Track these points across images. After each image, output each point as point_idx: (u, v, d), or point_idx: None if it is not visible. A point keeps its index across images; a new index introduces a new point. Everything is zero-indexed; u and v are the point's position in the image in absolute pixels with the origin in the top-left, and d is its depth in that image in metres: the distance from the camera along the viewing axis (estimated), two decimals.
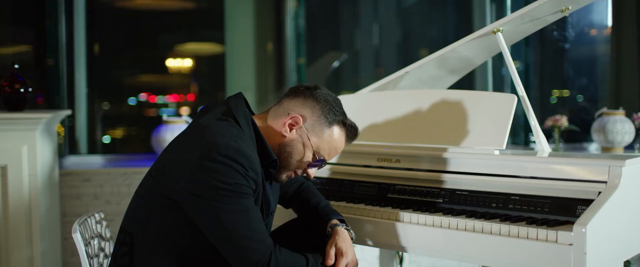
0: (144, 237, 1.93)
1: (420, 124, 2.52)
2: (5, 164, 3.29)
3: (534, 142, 4.76)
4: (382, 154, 2.55)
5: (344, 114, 2.07)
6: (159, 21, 4.85)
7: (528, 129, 4.67)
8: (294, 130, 2.01)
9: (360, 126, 2.65)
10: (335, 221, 2.13)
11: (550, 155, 2.23)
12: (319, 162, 2.05)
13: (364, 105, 2.74)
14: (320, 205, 2.20)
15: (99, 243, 2.21)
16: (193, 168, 1.82)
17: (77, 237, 1.92)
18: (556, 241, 1.91)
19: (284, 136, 2.00)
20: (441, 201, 2.34)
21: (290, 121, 2.00)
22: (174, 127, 4.11)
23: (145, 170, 3.11)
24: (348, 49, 5.03)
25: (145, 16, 4.85)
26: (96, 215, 2.25)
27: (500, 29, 2.50)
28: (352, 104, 2.79)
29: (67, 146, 4.33)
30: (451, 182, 2.36)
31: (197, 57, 4.83)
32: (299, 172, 2.07)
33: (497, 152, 2.29)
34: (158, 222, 1.92)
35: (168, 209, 1.90)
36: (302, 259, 1.93)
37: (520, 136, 4.70)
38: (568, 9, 2.46)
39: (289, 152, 2.01)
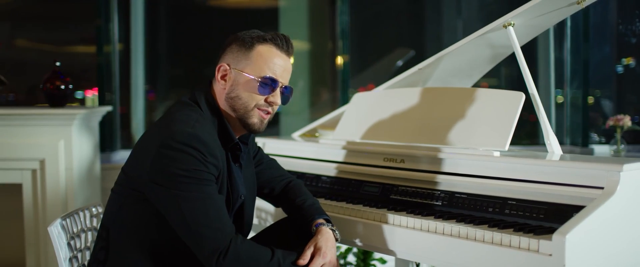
0: (117, 231, 1.95)
1: (426, 123, 2.41)
2: (43, 157, 3.42)
3: (595, 143, 4.51)
4: (388, 154, 2.46)
5: (260, 34, 2.00)
6: (224, 18, 4.91)
7: (587, 130, 4.42)
8: (227, 77, 1.98)
9: (372, 124, 2.57)
10: (319, 221, 2.07)
11: (548, 158, 2.07)
12: (269, 84, 1.97)
13: (376, 102, 2.66)
14: (305, 204, 2.14)
15: (93, 236, 2.25)
16: (153, 157, 1.83)
17: (52, 230, 1.95)
18: (538, 251, 1.77)
19: (225, 89, 1.98)
20: (440, 204, 2.23)
21: (219, 74, 1.99)
22: None
23: None
24: (433, 45, 4.90)
25: (212, 13, 4.94)
26: (93, 209, 2.29)
27: (512, 22, 2.36)
28: (365, 101, 2.72)
29: (120, 140, 4.47)
30: (450, 184, 2.25)
31: None
32: (269, 109, 1.99)
33: (497, 154, 2.16)
34: (128, 215, 1.93)
35: (137, 201, 1.91)
36: (266, 252, 1.88)
37: (574, 136, 4.44)
38: (584, 0, 2.28)
39: (237, 95, 1.96)
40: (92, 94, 4.51)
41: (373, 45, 4.92)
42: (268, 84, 1.97)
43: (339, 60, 4.38)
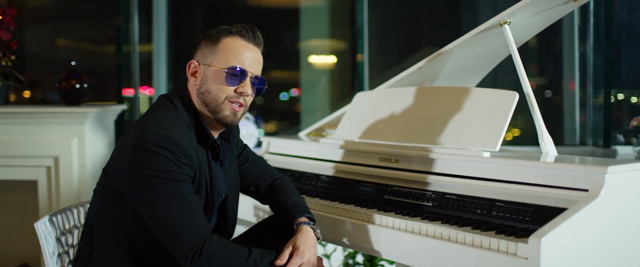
0: (99, 229, 1.98)
1: (421, 123, 2.39)
2: (57, 155, 3.49)
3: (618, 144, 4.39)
4: (384, 154, 2.44)
5: (226, 28, 2.00)
6: (287, 17, 4.94)
7: (609, 131, 4.30)
8: (196, 74, 1.98)
9: (370, 123, 2.56)
10: (301, 219, 2.06)
11: (535, 158, 2.02)
12: (239, 74, 1.96)
13: (374, 102, 2.64)
14: (289, 202, 2.13)
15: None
16: (128, 159, 1.84)
17: (39, 226, 1.99)
18: (515, 254, 1.73)
19: (196, 85, 1.98)
20: (431, 205, 2.20)
21: (189, 72, 2.00)
22: None
23: None
24: None
25: (269, 13, 4.98)
26: (87, 205, 2.32)
27: (508, 21, 2.31)
28: (365, 101, 2.70)
29: None
30: (441, 185, 2.21)
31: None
32: (240, 100, 1.98)
33: (486, 155, 2.11)
34: (109, 215, 1.96)
35: (116, 201, 1.93)
36: (243, 252, 1.87)
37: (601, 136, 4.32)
38: None
39: (206, 89, 1.96)
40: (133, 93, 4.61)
41: (404, 45, 4.87)
42: (235, 74, 1.96)
43: (359, 58, 4.35)
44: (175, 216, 1.82)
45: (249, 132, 4.15)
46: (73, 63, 3.66)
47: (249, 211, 2.75)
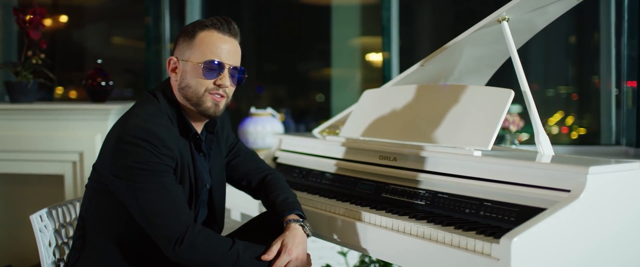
0: (91, 222, 2.04)
1: (419, 121, 2.37)
2: (82, 150, 3.60)
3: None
4: (383, 152, 2.43)
5: (201, 21, 2.02)
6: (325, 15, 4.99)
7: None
8: (176, 70, 2.02)
9: (373, 121, 2.55)
10: (291, 217, 2.07)
11: (522, 158, 1.97)
12: (216, 67, 1.99)
13: (379, 100, 2.63)
14: (278, 200, 2.15)
15: None
16: (111, 152, 1.91)
17: (34, 218, 2.06)
18: (490, 255, 1.70)
19: (176, 81, 2.02)
20: (424, 203, 2.18)
21: (170, 68, 2.03)
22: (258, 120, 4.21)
23: None
24: None
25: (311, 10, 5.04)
26: None
27: (506, 17, 2.26)
28: (371, 99, 2.70)
29: None
30: (434, 183, 2.19)
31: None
32: (220, 91, 2.01)
33: (477, 153, 2.08)
34: (98, 208, 2.02)
35: (105, 194, 1.99)
36: (226, 242, 1.91)
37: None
38: None
39: (186, 84, 2.00)
40: None
41: (438, 44, 4.81)
42: (213, 67, 1.99)
43: (385, 56, 4.34)
44: (157, 206, 1.87)
45: (273, 130, 4.18)
46: (99, 61, 3.77)
47: (254, 206, 2.78)
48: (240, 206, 2.92)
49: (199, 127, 2.08)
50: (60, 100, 4.79)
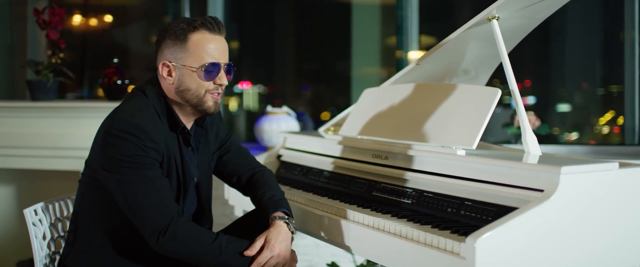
0: (82, 216, 2.11)
1: (409, 119, 2.37)
2: None
3: None
4: (376, 151, 2.45)
5: (189, 22, 2.04)
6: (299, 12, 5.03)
7: None
8: (172, 73, 2.05)
9: (369, 120, 2.56)
10: (276, 214, 2.10)
11: (501, 157, 1.96)
12: (214, 69, 2.03)
13: (376, 98, 2.64)
14: (264, 198, 2.18)
15: None
16: (99, 145, 1.98)
17: (28, 212, 2.14)
18: (459, 254, 1.70)
19: (173, 84, 2.05)
20: (410, 202, 2.19)
21: (163, 72, 2.06)
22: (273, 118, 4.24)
23: None
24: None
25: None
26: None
27: (497, 15, 2.25)
28: (370, 97, 2.71)
29: None
30: (419, 182, 2.20)
31: None
32: (219, 90, 2.07)
33: (461, 152, 2.08)
34: (90, 201, 2.09)
35: (96, 188, 2.06)
36: (209, 235, 1.95)
37: None
38: None
39: (186, 88, 2.04)
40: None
41: None
42: (211, 69, 2.03)
43: (398, 55, 4.33)
44: (142, 198, 1.92)
45: (288, 128, 4.21)
46: (115, 60, 3.86)
47: None
48: (244, 202, 2.96)
49: (189, 121, 2.13)
50: (90, 99, 4.93)
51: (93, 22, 5.04)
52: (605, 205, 1.79)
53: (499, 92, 2.12)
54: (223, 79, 2.06)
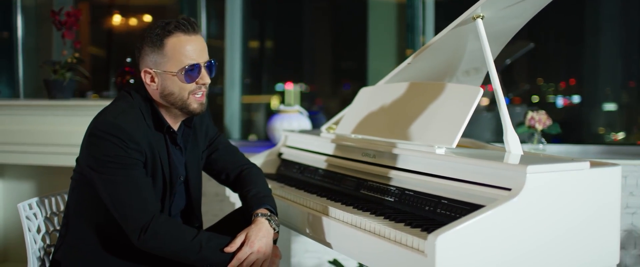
0: (73, 211, 2.18)
1: (397, 118, 2.39)
2: None
3: None
4: (365, 149, 2.47)
5: (163, 26, 2.05)
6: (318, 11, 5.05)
7: None
8: (155, 79, 2.08)
9: (362, 118, 2.59)
10: (258, 211, 2.14)
11: (477, 156, 1.97)
12: (194, 70, 2.06)
13: (371, 97, 2.66)
14: (249, 195, 2.22)
15: None
16: (85, 145, 2.06)
17: (21, 207, 2.22)
18: (424, 251, 1.71)
19: (157, 89, 2.09)
20: (393, 200, 2.21)
21: (146, 79, 2.09)
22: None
23: None
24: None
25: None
26: None
27: (481, 14, 2.25)
28: (365, 96, 2.73)
29: None
30: (402, 181, 2.22)
31: None
32: (202, 89, 2.10)
33: (441, 151, 2.09)
34: (79, 198, 2.16)
35: (84, 185, 2.12)
36: (190, 232, 2.00)
37: None
38: None
39: (170, 92, 2.08)
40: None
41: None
42: (191, 71, 2.06)
43: (408, 53, 4.33)
44: (124, 196, 1.99)
45: (300, 126, 4.25)
46: (128, 60, 3.95)
47: None
48: None
49: (177, 122, 2.18)
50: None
51: (133, 21, 5.13)
52: (574, 204, 1.79)
53: (480, 91, 2.13)
54: (205, 78, 2.10)
